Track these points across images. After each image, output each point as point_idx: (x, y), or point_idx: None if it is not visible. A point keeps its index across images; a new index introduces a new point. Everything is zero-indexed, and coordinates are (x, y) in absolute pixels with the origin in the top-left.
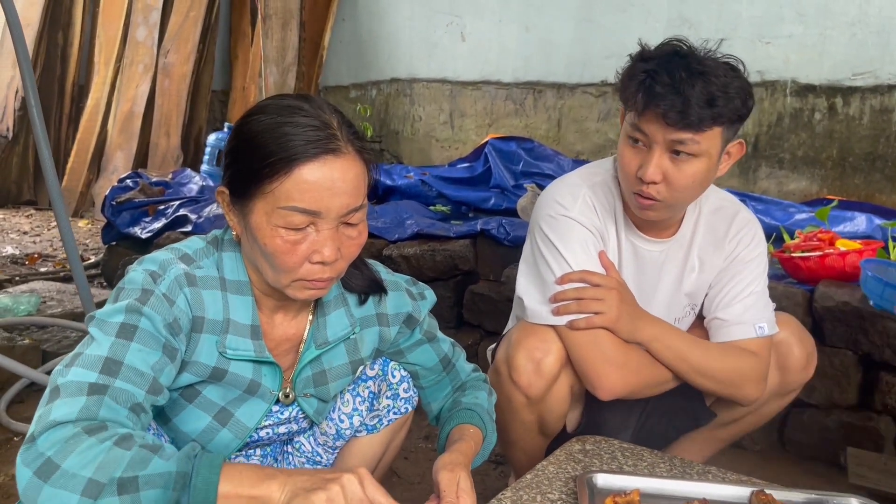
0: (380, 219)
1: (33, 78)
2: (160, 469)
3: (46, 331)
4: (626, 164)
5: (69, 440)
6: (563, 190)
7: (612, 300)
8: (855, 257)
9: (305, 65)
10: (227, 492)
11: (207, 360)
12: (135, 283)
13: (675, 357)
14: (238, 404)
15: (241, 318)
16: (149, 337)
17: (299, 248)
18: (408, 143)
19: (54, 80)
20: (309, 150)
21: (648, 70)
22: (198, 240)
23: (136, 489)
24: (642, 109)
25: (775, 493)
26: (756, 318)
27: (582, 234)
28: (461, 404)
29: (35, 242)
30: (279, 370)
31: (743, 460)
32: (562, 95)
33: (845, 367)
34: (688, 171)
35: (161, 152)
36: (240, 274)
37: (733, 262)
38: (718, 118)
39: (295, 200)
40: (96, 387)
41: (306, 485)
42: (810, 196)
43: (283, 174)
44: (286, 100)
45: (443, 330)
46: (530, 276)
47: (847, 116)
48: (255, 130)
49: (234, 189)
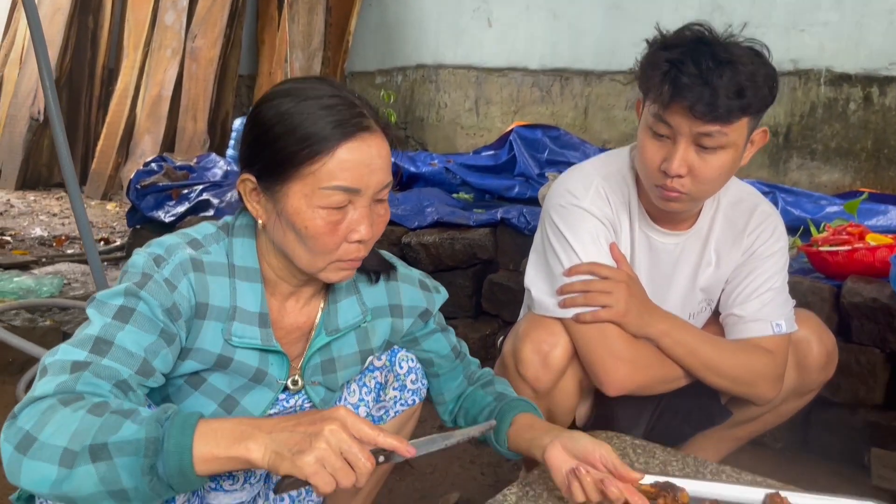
0: (400, 206)
1: (48, 59)
2: (130, 435)
3: (68, 312)
4: (649, 158)
5: (45, 412)
6: (576, 179)
7: (621, 294)
8: (885, 252)
9: (331, 50)
10: (203, 454)
11: (212, 347)
12: (136, 267)
13: (686, 353)
14: (244, 392)
15: (249, 305)
16: (145, 320)
17: (339, 228)
18: (433, 130)
19: (85, 63)
20: (347, 128)
21: (673, 60)
22: (209, 225)
23: (108, 456)
24: (668, 102)
25: (790, 495)
26: (773, 315)
27: (593, 225)
28: (506, 397)
29: (63, 225)
30: (286, 359)
31: (764, 459)
32: (589, 83)
33: (872, 365)
34: (714, 163)
35: (188, 136)
36: (250, 261)
37: (752, 257)
38: (747, 109)
39: (338, 179)
40: (80, 364)
41: (289, 443)
42: (843, 188)
43: (325, 154)
44: (305, 82)
45: (461, 320)
46: (539, 266)
47: (883, 107)
48: (282, 114)
49: (265, 175)
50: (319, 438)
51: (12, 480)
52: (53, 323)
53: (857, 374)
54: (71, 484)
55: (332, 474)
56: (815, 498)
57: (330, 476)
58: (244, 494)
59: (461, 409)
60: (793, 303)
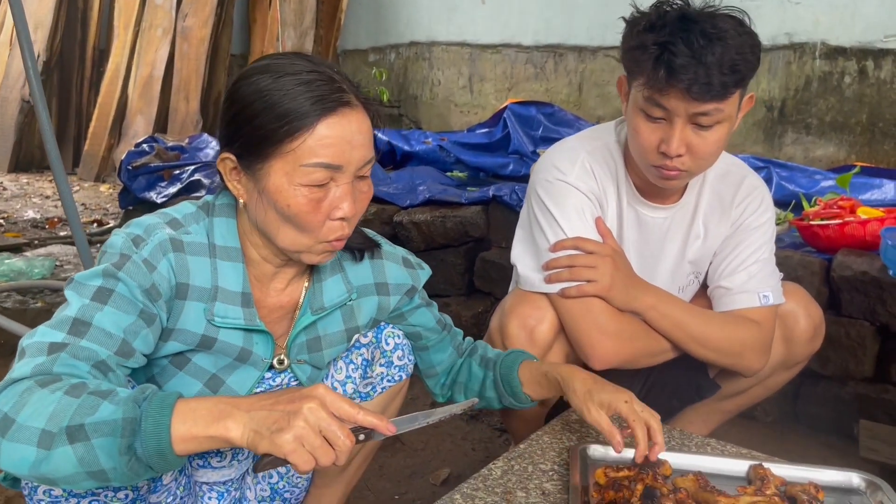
0: (392, 185)
1: (31, 41)
2: (107, 416)
3: (59, 294)
4: (645, 139)
5: (22, 394)
6: (562, 154)
7: (606, 268)
8: (876, 225)
9: (323, 28)
10: (181, 433)
11: (195, 327)
12: (114, 248)
13: (672, 326)
14: (229, 372)
15: (231, 285)
16: (124, 301)
17: (321, 205)
18: (426, 107)
19: (75, 44)
20: (326, 104)
21: (662, 42)
22: (188, 204)
23: (85, 437)
24: (664, 86)
25: (774, 467)
26: (760, 287)
27: (578, 200)
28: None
29: (56, 207)
30: (271, 338)
31: (754, 432)
32: (583, 59)
33: (862, 337)
34: (711, 138)
35: (181, 117)
36: (231, 240)
37: (739, 229)
38: (741, 82)
39: (319, 156)
40: (58, 346)
41: (268, 422)
42: (838, 162)
43: (304, 131)
44: (283, 58)
45: (453, 298)
46: (525, 242)
47: (878, 80)
48: (259, 91)
49: (245, 153)
50: (298, 416)
51: None
52: (45, 305)
53: (847, 347)
54: (49, 465)
55: (310, 452)
56: (797, 468)
57: (309, 454)
58: (232, 472)
59: (455, 383)
60: (780, 275)
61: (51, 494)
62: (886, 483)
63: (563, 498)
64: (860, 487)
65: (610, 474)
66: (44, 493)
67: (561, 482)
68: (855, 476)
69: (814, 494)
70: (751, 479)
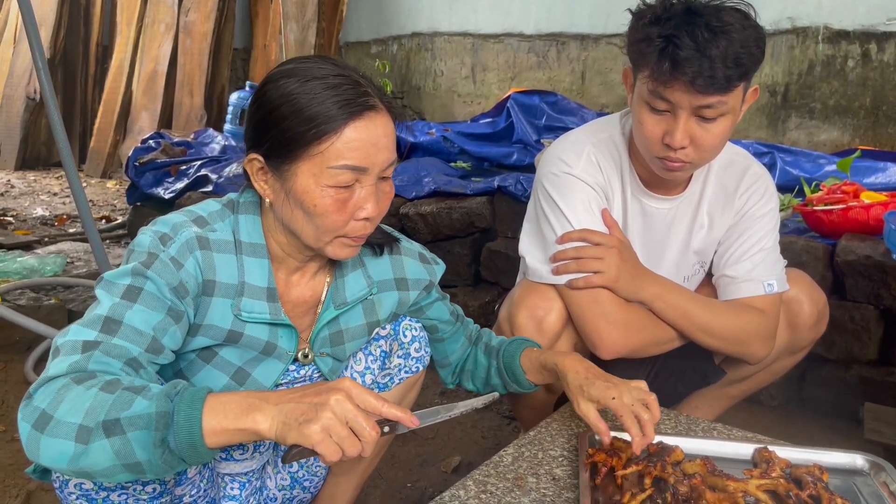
0: (398, 177)
1: (40, 39)
2: (141, 410)
3: (72, 291)
4: (650, 132)
5: (59, 391)
6: (567, 147)
7: (612, 259)
8: (879, 210)
9: (326, 21)
10: (212, 426)
11: (222, 322)
12: (142, 246)
13: (679, 316)
14: (255, 365)
15: (257, 280)
16: (153, 299)
17: (347, 206)
18: (430, 98)
19: (79, 41)
20: (353, 108)
21: (667, 34)
22: (213, 202)
23: (121, 431)
24: (668, 78)
25: (779, 450)
26: (765, 275)
27: (584, 192)
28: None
29: (64, 203)
30: (295, 332)
31: (760, 416)
32: (585, 47)
33: (866, 321)
34: (715, 131)
35: (185, 112)
36: (256, 237)
37: (743, 218)
38: (745, 76)
39: (345, 159)
40: (91, 344)
41: (296, 413)
42: (841, 147)
43: (332, 134)
44: (309, 61)
45: (460, 288)
46: (532, 234)
47: (881, 63)
48: (290, 94)
49: (272, 155)
50: (325, 408)
51: (32, 457)
52: (58, 301)
53: (852, 331)
54: (88, 459)
55: (338, 443)
56: (802, 451)
57: (336, 445)
58: (254, 463)
59: (463, 371)
60: (784, 263)
61: (81, 487)
62: (890, 464)
63: (573, 483)
64: (864, 469)
65: (615, 443)
66: (75, 487)
67: (571, 467)
68: (859, 457)
69: (818, 476)
70: (756, 462)
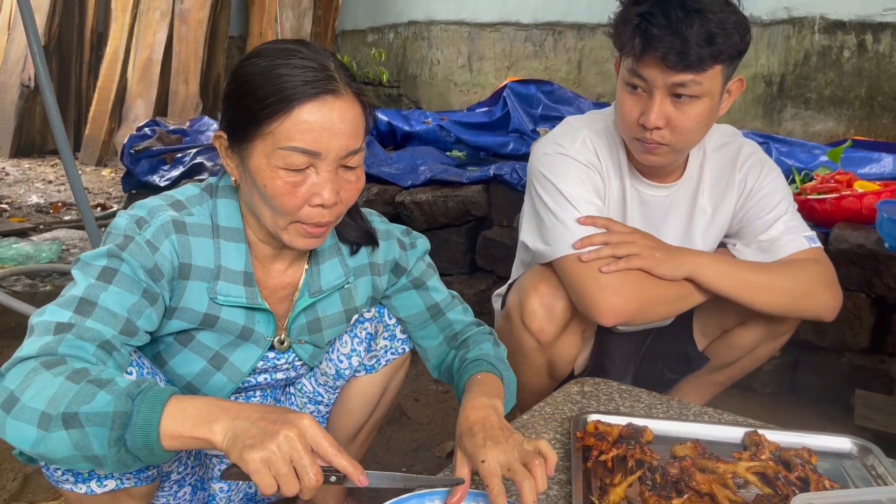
0: (393, 165)
1: (36, 25)
2: (100, 407)
3: (67, 277)
4: (627, 112)
5: (28, 374)
6: (563, 132)
7: (643, 241)
8: (872, 199)
9: (322, 9)
10: (169, 431)
11: (197, 306)
12: (118, 229)
13: (732, 282)
14: (232, 349)
15: (234, 264)
16: (128, 281)
17: (299, 189)
18: (426, 87)
19: (73, 28)
20: (308, 90)
21: (643, 13)
22: (192, 186)
23: (79, 424)
24: (640, 54)
25: (769, 433)
26: (802, 229)
27: (578, 170)
28: (467, 359)
29: (59, 191)
30: (272, 317)
31: (753, 403)
32: (582, 36)
33: (858, 309)
34: (691, 113)
35: (181, 100)
36: (234, 221)
37: (751, 195)
38: (718, 56)
39: (295, 140)
40: (64, 326)
41: (245, 434)
42: (837, 137)
43: (282, 114)
44: (283, 43)
45: (456, 276)
46: (530, 217)
47: (877, 54)
48: (251, 73)
49: (233, 132)
50: (273, 439)
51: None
52: (54, 288)
53: (844, 319)
54: (48, 446)
55: (275, 477)
56: (791, 434)
57: (272, 479)
58: None
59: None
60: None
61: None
62: (877, 447)
63: (565, 465)
64: (852, 452)
65: (600, 427)
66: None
67: (563, 450)
68: (847, 441)
69: (807, 458)
70: (746, 445)
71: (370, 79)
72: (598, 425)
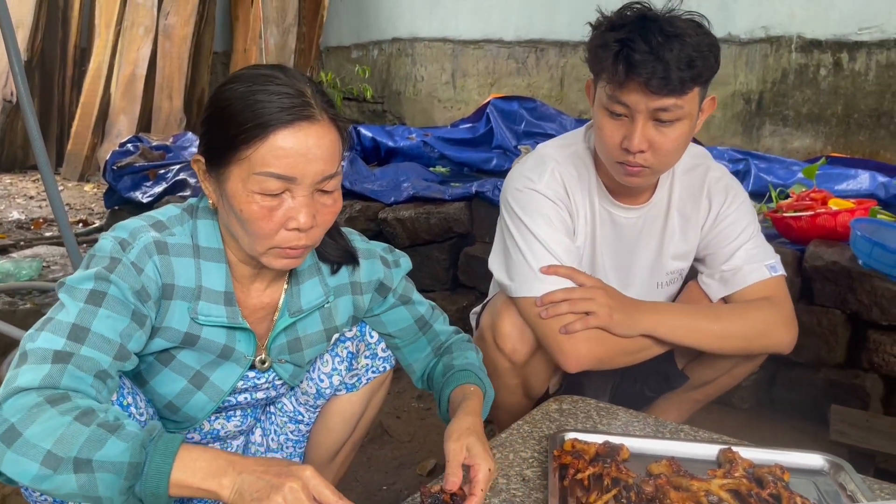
0: (376, 181)
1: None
2: (114, 456)
3: (48, 295)
4: (609, 137)
5: (32, 409)
6: (532, 164)
7: (602, 298)
8: (846, 216)
9: (306, 25)
10: (178, 480)
11: (179, 325)
12: (104, 251)
13: (687, 333)
14: (213, 368)
15: (215, 284)
16: (117, 303)
17: (275, 214)
18: (410, 103)
19: (56, 43)
20: (283, 116)
21: (622, 39)
22: (173, 207)
23: (90, 470)
24: (623, 80)
25: (743, 450)
26: (763, 258)
27: (547, 207)
28: (454, 367)
29: (41, 207)
30: (253, 336)
31: (731, 418)
32: (564, 54)
33: (833, 325)
34: (672, 135)
35: (164, 115)
36: (214, 241)
37: (717, 219)
38: (698, 79)
39: (270, 166)
40: (61, 354)
41: (252, 489)
42: (814, 153)
43: (258, 140)
44: (261, 69)
45: (438, 292)
46: (499, 250)
47: (853, 72)
48: (229, 98)
49: (210, 157)
50: (278, 492)
51: None
52: (34, 306)
53: (820, 335)
54: (51, 483)
55: None
56: (765, 451)
57: None
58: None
59: (429, 380)
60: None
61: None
62: (849, 464)
63: (542, 483)
64: (824, 468)
65: (577, 445)
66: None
67: (540, 469)
68: (819, 458)
69: (779, 475)
70: (720, 462)
71: (354, 95)
72: (575, 443)
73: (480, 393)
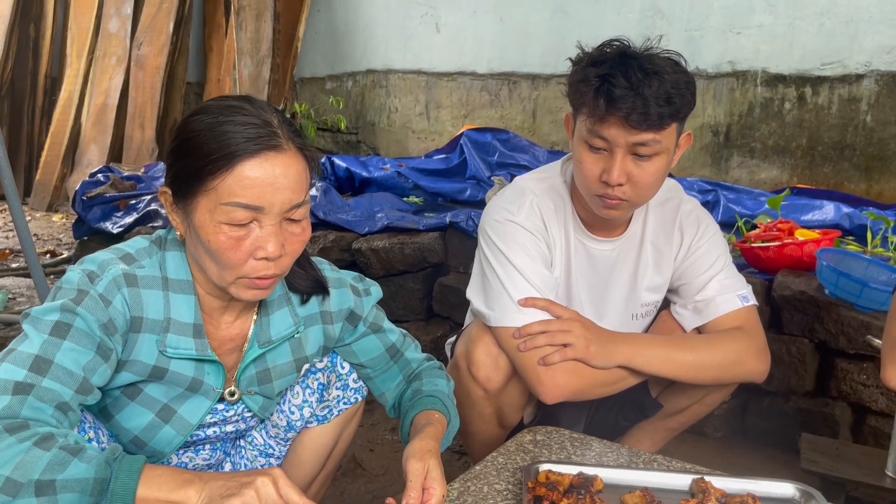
0: (350, 212)
1: None
2: (78, 474)
3: (13, 328)
4: (588, 170)
5: None
6: (510, 196)
7: (578, 331)
8: (812, 247)
9: (280, 56)
10: (145, 496)
11: (147, 358)
12: (71, 283)
13: (662, 364)
14: (181, 401)
15: (183, 317)
16: (83, 336)
17: (243, 244)
18: (384, 134)
19: (27, 72)
20: (250, 147)
21: (603, 74)
22: (141, 239)
23: (53, 492)
24: (604, 114)
25: (715, 480)
26: (735, 287)
27: (526, 238)
28: (422, 392)
29: (7, 238)
30: (222, 368)
31: (704, 447)
32: (536, 86)
33: (802, 354)
34: (650, 169)
35: (136, 145)
36: (183, 273)
37: (689, 252)
38: (676, 114)
39: (237, 196)
40: (22, 386)
41: (222, 490)
42: (781, 185)
43: (224, 171)
44: (227, 100)
45: (412, 322)
46: (477, 281)
47: (816, 106)
48: (195, 129)
49: (177, 188)
50: (250, 487)
51: None
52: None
53: (789, 364)
54: None
55: None
56: (737, 481)
57: None
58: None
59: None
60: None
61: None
62: (819, 493)
63: None
64: (795, 497)
65: (551, 476)
66: None
67: (515, 501)
68: (790, 486)
69: None
70: (693, 492)
71: (329, 125)
72: (549, 475)
73: (445, 420)
